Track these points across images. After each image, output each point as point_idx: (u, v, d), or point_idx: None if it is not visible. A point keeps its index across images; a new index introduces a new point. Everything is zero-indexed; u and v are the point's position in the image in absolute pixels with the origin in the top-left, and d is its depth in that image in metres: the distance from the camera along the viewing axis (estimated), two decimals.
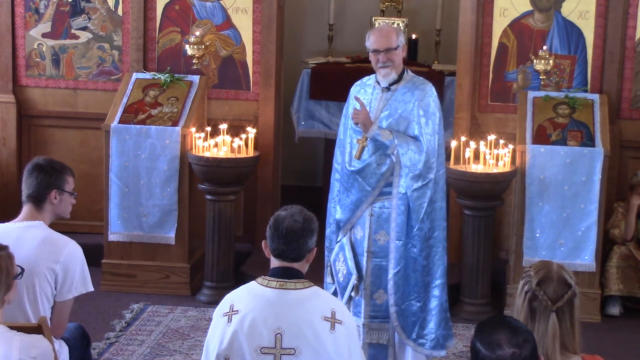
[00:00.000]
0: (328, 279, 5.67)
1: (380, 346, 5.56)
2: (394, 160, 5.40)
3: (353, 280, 5.46)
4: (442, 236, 5.52)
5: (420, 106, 5.41)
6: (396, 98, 5.46)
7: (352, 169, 5.48)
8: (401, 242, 5.44)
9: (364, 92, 5.56)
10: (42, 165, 4.78)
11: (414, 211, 5.41)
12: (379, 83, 5.53)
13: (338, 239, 5.63)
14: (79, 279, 4.73)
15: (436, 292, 5.51)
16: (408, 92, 5.45)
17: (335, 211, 5.67)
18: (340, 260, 5.57)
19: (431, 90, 5.47)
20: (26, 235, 4.64)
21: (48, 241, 4.68)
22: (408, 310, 5.48)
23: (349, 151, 5.54)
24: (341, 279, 5.55)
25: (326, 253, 5.74)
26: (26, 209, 4.77)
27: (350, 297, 5.51)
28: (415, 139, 5.39)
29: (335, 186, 5.71)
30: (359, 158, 5.44)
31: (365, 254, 5.50)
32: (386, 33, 5.49)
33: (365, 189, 5.45)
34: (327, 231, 5.73)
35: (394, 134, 5.38)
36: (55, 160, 4.93)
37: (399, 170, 5.41)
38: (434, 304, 5.51)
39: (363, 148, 5.43)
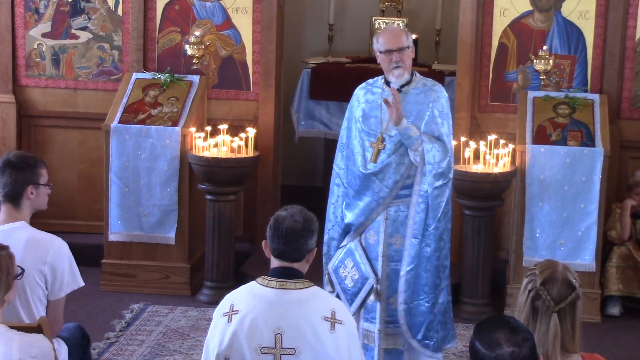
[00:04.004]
0: (328, 288, 5.53)
1: (395, 351, 5.48)
2: (416, 159, 5.31)
3: (371, 283, 5.36)
4: (449, 237, 5.46)
5: (435, 107, 5.35)
6: (409, 100, 5.38)
7: (369, 171, 5.37)
8: (417, 240, 5.36)
9: (372, 94, 5.48)
10: (14, 162, 4.70)
11: (432, 209, 5.33)
12: (387, 85, 5.44)
13: (342, 244, 5.52)
14: (69, 276, 4.70)
15: (444, 293, 5.45)
16: (421, 93, 5.39)
17: (338, 216, 5.56)
18: (347, 266, 5.45)
19: (443, 92, 5.43)
20: (10, 238, 4.53)
21: (33, 243, 4.63)
22: (416, 310, 5.40)
23: (361, 153, 5.42)
24: (350, 285, 5.43)
25: (323, 260, 5.61)
26: (4, 209, 4.71)
27: (362, 303, 5.42)
28: (436, 138, 5.32)
29: (336, 191, 5.60)
30: (375, 161, 5.35)
31: (380, 259, 5.41)
32: (397, 33, 5.44)
33: (382, 190, 5.35)
34: (325, 237, 5.61)
35: (420, 131, 5.31)
36: (26, 154, 4.85)
37: (422, 168, 5.33)
38: (441, 306, 5.45)
39: (379, 151, 5.36)
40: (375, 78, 5.57)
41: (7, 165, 4.70)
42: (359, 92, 5.57)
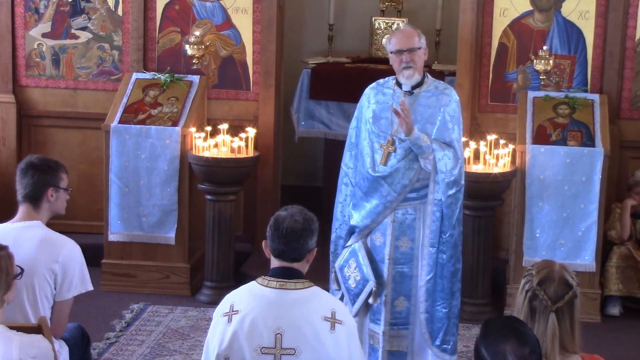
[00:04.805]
0: (334, 286, 5.52)
1: (399, 353, 5.46)
2: (427, 166, 5.27)
3: (371, 286, 5.33)
4: (460, 241, 5.45)
5: (447, 112, 5.30)
6: (420, 102, 5.33)
7: (378, 174, 5.32)
8: (434, 248, 5.33)
9: (382, 95, 5.41)
10: (37, 164, 4.76)
11: (447, 217, 5.31)
12: (399, 86, 5.39)
13: (348, 244, 5.49)
14: (78, 279, 4.73)
15: (457, 296, 5.45)
16: (432, 96, 5.34)
17: (346, 215, 5.52)
18: (351, 266, 5.42)
19: (455, 95, 5.37)
20: (25, 235, 4.64)
21: (47, 241, 4.68)
22: (435, 317, 5.38)
23: (370, 155, 5.37)
24: (353, 286, 5.41)
25: (331, 258, 5.61)
26: (23, 208, 4.77)
27: (366, 304, 5.39)
28: (447, 144, 5.28)
29: (344, 190, 5.55)
30: (385, 164, 5.31)
31: (386, 261, 5.38)
32: (409, 33, 5.37)
33: (390, 194, 5.30)
34: (333, 236, 5.60)
35: (430, 139, 5.26)
36: (49, 158, 4.92)
37: (435, 176, 5.28)
38: (455, 309, 5.44)
39: (389, 154, 5.31)
40: (387, 78, 5.50)
41: (29, 166, 4.77)
42: (370, 92, 5.49)
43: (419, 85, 5.37)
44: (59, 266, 4.66)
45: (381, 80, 5.52)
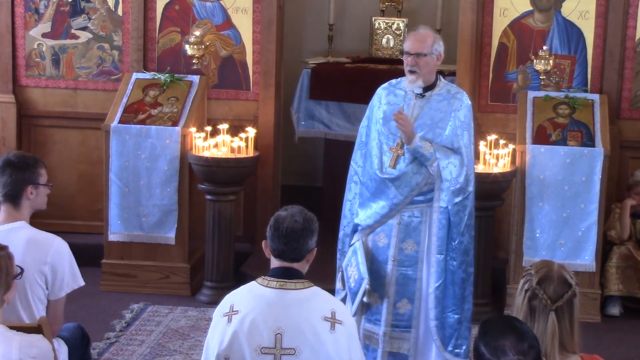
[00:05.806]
0: (338, 285, 5.51)
1: (400, 355, 5.45)
2: (434, 172, 5.25)
3: (365, 285, 5.32)
4: (472, 246, 5.42)
5: (457, 117, 5.28)
6: (431, 106, 5.31)
7: (386, 176, 5.30)
8: (442, 256, 5.30)
9: (394, 96, 5.39)
10: (14, 162, 4.70)
11: (455, 225, 5.28)
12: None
13: (352, 242, 5.48)
14: (69, 276, 4.70)
15: (468, 300, 5.43)
16: (444, 100, 5.31)
17: (353, 214, 5.51)
18: (352, 264, 5.41)
19: (466, 100, 5.35)
20: (10, 239, 4.49)
21: (33, 243, 4.63)
22: (446, 323, 5.37)
23: (378, 156, 5.35)
24: (352, 284, 5.40)
25: (338, 256, 5.60)
26: (4, 209, 4.71)
27: (362, 303, 5.38)
28: (454, 151, 5.26)
29: (353, 188, 5.54)
30: (394, 167, 5.29)
31: (390, 263, 5.37)
32: (421, 37, 5.32)
33: (397, 197, 5.28)
34: (340, 234, 5.59)
35: (434, 146, 5.23)
36: (26, 154, 4.87)
37: (440, 184, 5.26)
38: (467, 313, 5.42)
39: (398, 156, 5.29)
40: (399, 79, 5.47)
41: (7, 164, 4.71)
42: (382, 92, 5.47)
43: (431, 87, 5.35)
44: (48, 267, 4.63)
45: (394, 81, 5.49)
